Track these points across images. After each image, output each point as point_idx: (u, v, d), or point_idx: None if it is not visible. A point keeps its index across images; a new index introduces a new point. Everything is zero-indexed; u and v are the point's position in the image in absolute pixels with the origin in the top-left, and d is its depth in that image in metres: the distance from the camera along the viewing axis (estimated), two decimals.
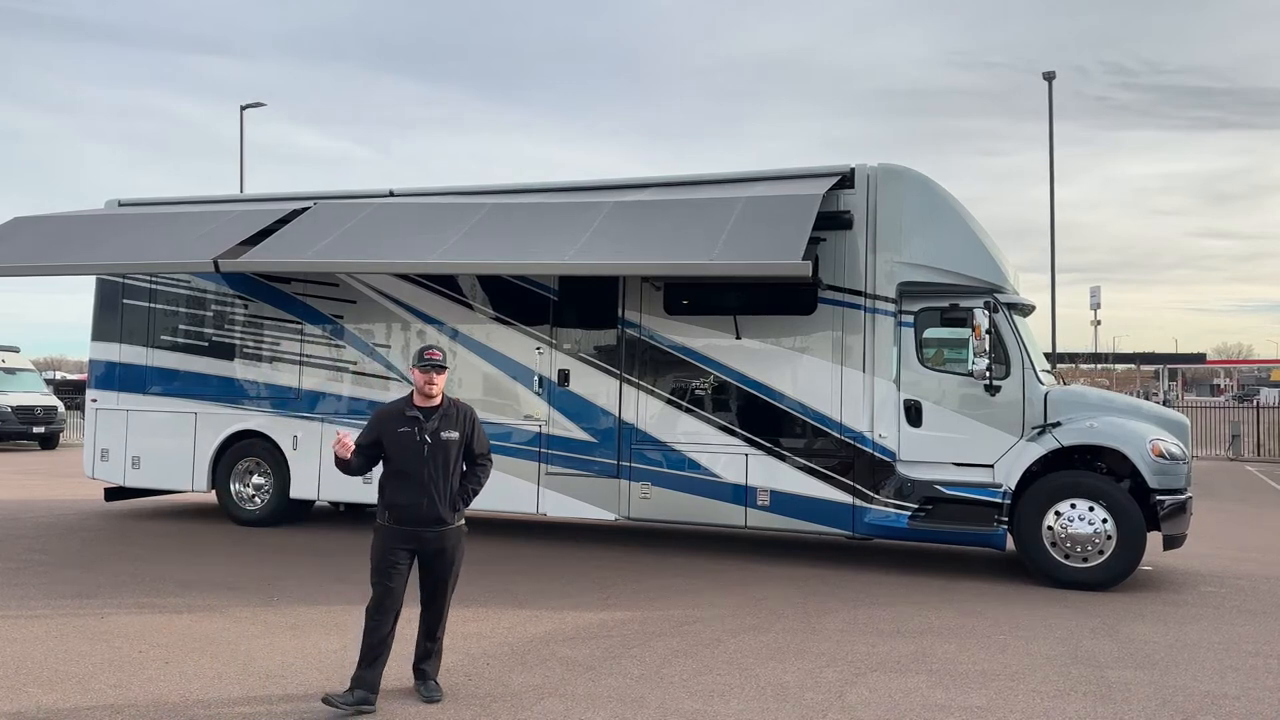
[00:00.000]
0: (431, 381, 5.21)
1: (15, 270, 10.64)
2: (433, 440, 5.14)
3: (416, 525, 5.12)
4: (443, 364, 5.26)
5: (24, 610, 7.04)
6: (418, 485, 5.11)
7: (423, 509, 5.11)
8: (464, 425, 5.27)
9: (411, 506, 5.11)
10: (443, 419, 5.21)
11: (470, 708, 5.06)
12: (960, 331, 8.91)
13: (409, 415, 5.20)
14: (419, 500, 5.11)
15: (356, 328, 10.80)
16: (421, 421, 5.17)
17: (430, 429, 5.15)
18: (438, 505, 5.14)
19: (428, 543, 5.17)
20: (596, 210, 9.22)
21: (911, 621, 7.05)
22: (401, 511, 5.13)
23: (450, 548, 5.23)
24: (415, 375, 5.28)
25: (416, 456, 5.12)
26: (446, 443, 5.17)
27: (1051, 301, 27.11)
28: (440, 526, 5.16)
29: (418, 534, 5.14)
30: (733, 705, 5.17)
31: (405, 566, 5.16)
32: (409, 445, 5.14)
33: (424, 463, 5.11)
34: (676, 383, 9.65)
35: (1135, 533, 8.16)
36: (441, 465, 5.15)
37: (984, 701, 5.29)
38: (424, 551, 5.18)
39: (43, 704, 5.07)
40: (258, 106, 30.44)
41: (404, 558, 5.14)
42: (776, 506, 9.17)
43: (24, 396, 23.74)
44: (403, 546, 5.14)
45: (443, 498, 5.15)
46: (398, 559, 5.13)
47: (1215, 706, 5.27)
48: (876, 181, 9.13)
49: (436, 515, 5.14)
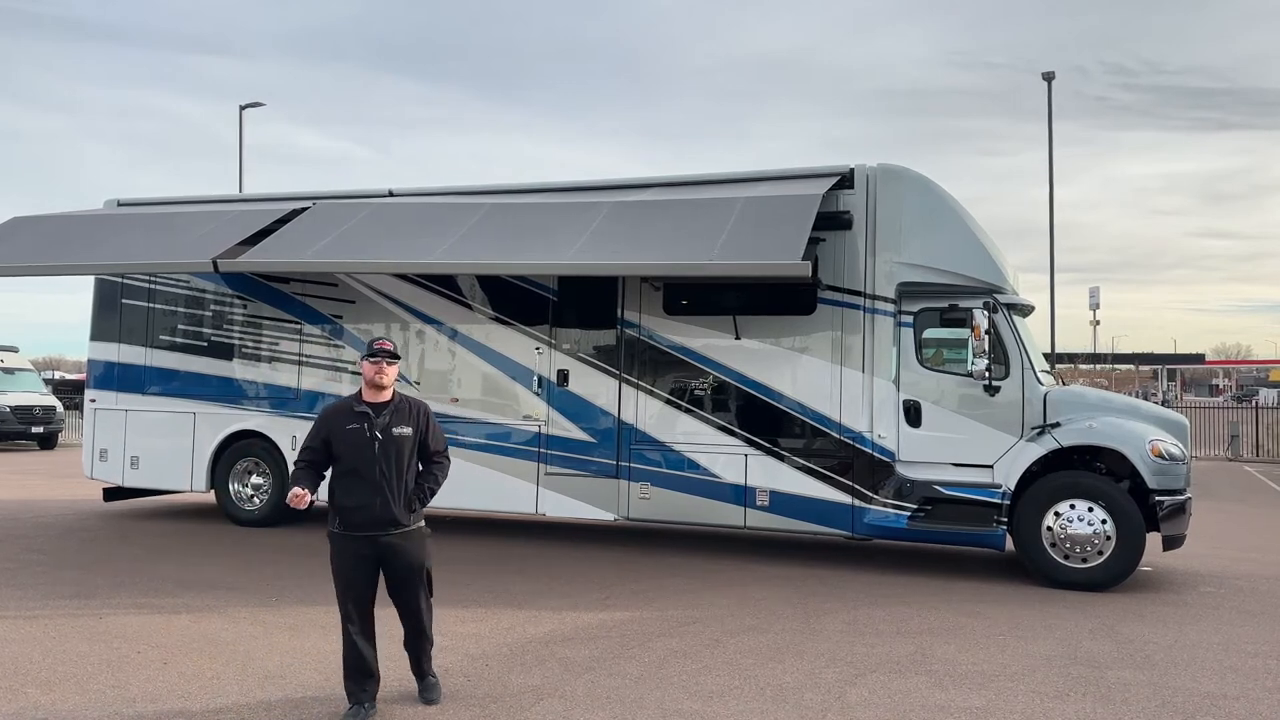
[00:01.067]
0: (381, 372, 4.92)
1: (14, 270, 10.63)
2: (384, 436, 4.84)
3: (370, 529, 4.82)
4: (394, 354, 4.99)
5: (22, 610, 7.04)
6: (369, 485, 4.80)
7: (375, 510, 4.81)
8: (417, 421, 4.99)
9: (363, 508, 4.81)
10: (394, 414, 4.92)
11: (469, 708, 5.06)
12: (960, 332, 8.91)
13: (358, 411, 4.90)
14: (371, 501, 4.80)
15: (355, 328, 10.79)
16: (371, 417, 4.87)
17: (381, 425, 4.85)
18: (391, 506, 4.83)
19: (385, 547, 4.86)
20: (596, 210, 9.22)
21: (911, 622, 7.05)
22: (352, 514, 4.83)
23: (411, 550, 4.93)
24: (364, 368, 4.99)
25: (367, 454, 4.81)
26: (399, 439, 4.88)
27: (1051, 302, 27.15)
28: (396, 529, 4.86)
29: (372, 539, 4.83)
30: (732, 706, 5.16)
31: (367, 574, 4.88)
32: (358, 443, 4.83)
33: (375, 461, 4.81)
34: (676, 383, 9.64)
35: (1134, 533, 8.15)
36: (394, 463, 4.85)
37: (983, 702, 5.29)
38: (382, 557, 4.88)
39: (41, 704, 5.06)
40: (257, 106, 30.46)
41: (363, 566, 4.86)
42: (776, 507, 9.17)
43: (23, 396, 23.74)
44: (359, 554, 4.85)
45: (396, 498, 4.85)
46: (357, 568, 4.85)
47: (1215, 707, 5.27)
48: (876, 182, 9.13)
49: (391, 516, 4.84)
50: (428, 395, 10.41)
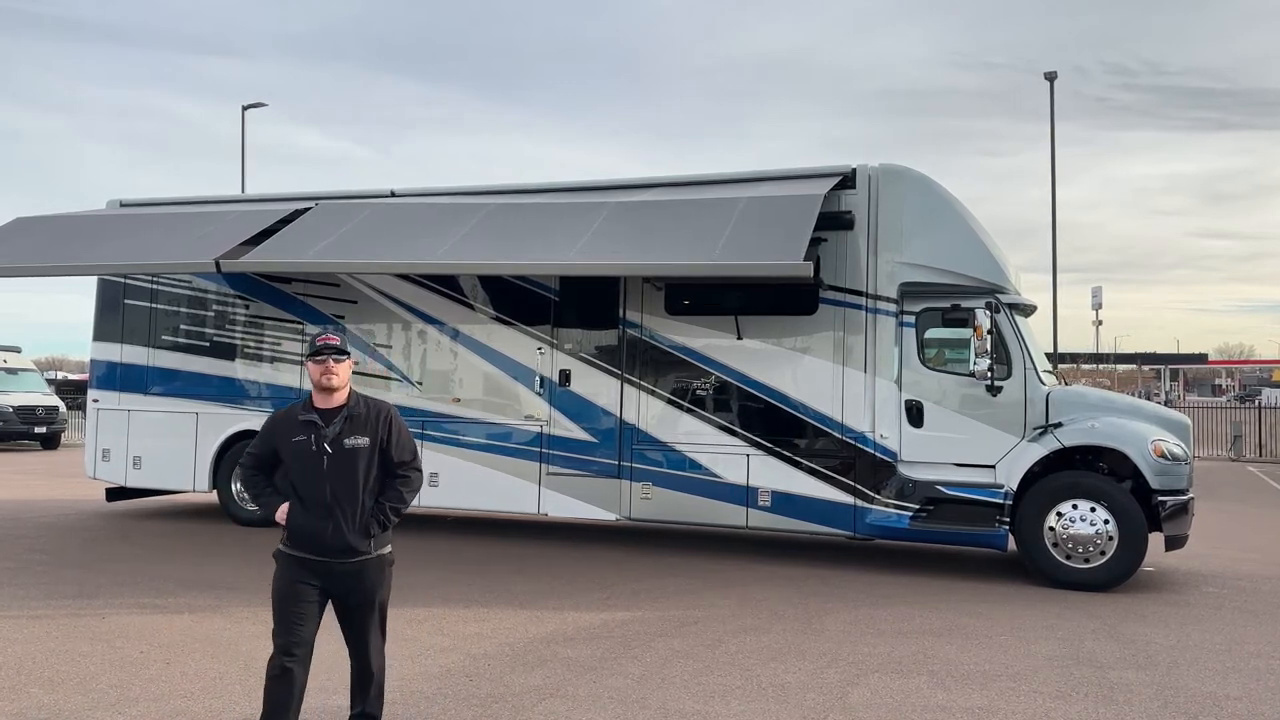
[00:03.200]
0: (329, 372, 4.19)
1: (16, 271, 10.64)
2: (334, 450, 4.14)
3: (321, 555, 4.15)
4: (343, 349, 4.24)
5: (25, 610, 7.05)
6: (319, 507, 4.13)
7: (326, 536, 4.13)
8: (377, 428, 4.23)
9: (313, 533, 4.15)
10: (348, 422, 4.19)
11: (471, 709, 5.06)
12: (962, 332, 8.91)
13: (303, 420, 4.19)
14: (322, 526, 4.13)
15: (358, 328, 10.79)
16: (319, 427, 4.16)
17: (330, 436, 4.15)
18: (345, 531, 4.14)
19: (337, 578, 4.19)
20: (598, 211, 9.22)
21: (913, 622, 7.05)
22: (302, 538, 4.18)
23: (368, 584, 4.23)
24: (310, 369, 4.24)
25: (315, 471, 4.13)
26: (353, 452, 4.16)
27: (1053, 302, 27.15)
28: (350, 558, 4.17)
29: (324, 566, 4.16)
30: (733, 706, 5.16)
31: (313, 606, 4.18)
32: (305, 458, 4.15)
33: (324, 478, 4.13)
34: (678, 383, 9.64)
35: (1137, 533, 8.15)
36: (348, 481, 4.15)
37: (985, 702, 5.29)
38: (333, 588, 4.21)
39: (44, 704, 5.06)
40: (259, 107, 30.48)
41: (309, 595, 4.16)
42: (777, 507, 9.17)
43: (26, 396, 23.78)
44: (307, 581, 4.17)
45: (351, 522, 4.15)
46: (301, 597, 4.16)
47: (1217, 708, 5.27)
48: (878, 182, 9.13)
49: (344, 544, 4.14)
50: (430, 395, 10.44)
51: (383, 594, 4.32)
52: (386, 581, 4.34)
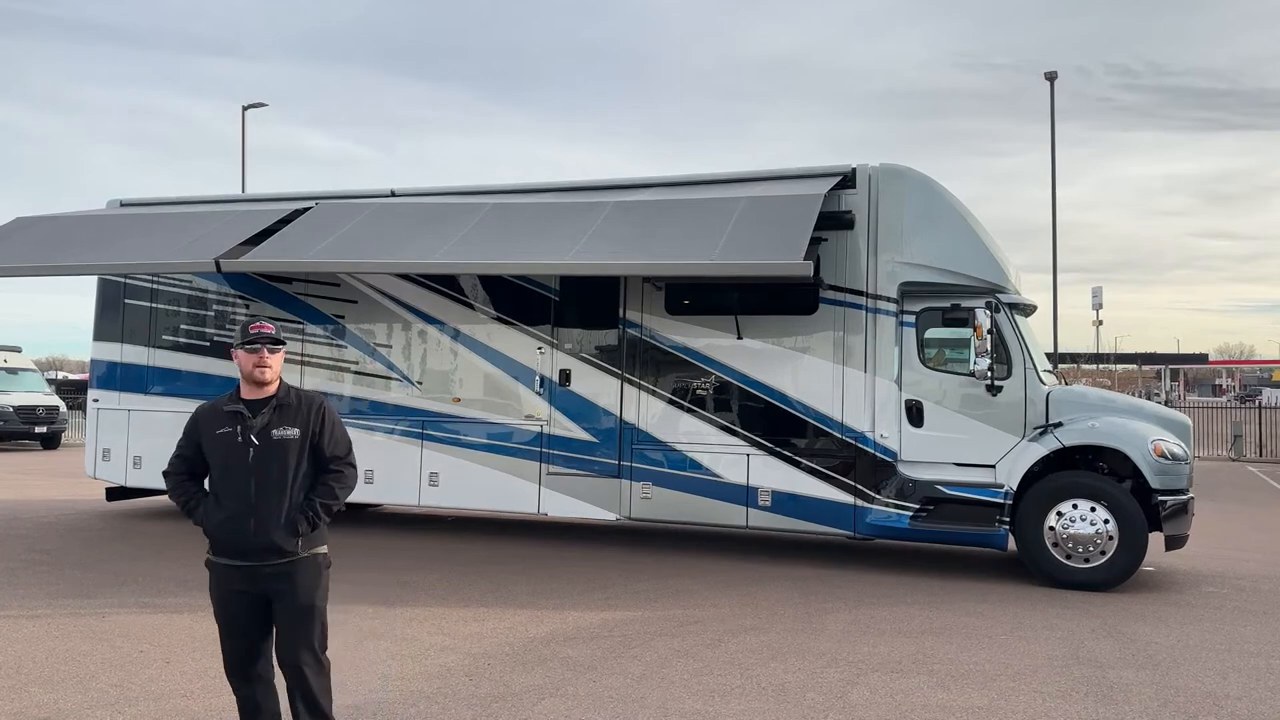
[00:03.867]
0: (263, 364, 3.91)
1: (17, 270, 10.65)
2: (260, 441, 3.86)
3: (244, 558, 3.84)
4: (276, 338, 3.97)
5: (25, 610, 7.05)
6: (241, 503, 3.83)
7: (249, 534, 3.81)
8: (309, 420, 3.95)
9: (235, 532, 3.83)
10: (277, 413, 3.92)
11: (471, 708, 5.06)
12: (962, 331, 8.91)
13: (229, 410, 3.92)
14: (243, 524, 3.81)
15: (358, 328, 10.80)
16: (246, 417, 3.89)
17: (257, 426, 3.88)
18: (269, 529, 3.82)
19: (263, 581, 3.85)
20: (598, 210, 9.22)
21: (913, 622, 7.04)
22: (223, 540, 3.86)
23: (299, 587, 3.87)
24: (240, 358, 3.95)
25: (239, 463, 3.85)
26: (281, 443, 3.88)
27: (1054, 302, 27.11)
28: (277, 559, 3.84)
29: (249, 571, 3.84)
30: (734, 705, 5.16)
31: (251, 614, 3.90)
32: (230, 449, 3.87)
33: (249, 471, 3.84)
34: (678, 383, 9.64)
35: (1137, 533, 8.14)
36: (275, 474, 3.85)
37: (986, 702, 5.29)
38: (261, 593, 3.88)
39: (44, 703, 5.07)
40: (259, 107, 30.46)
41: (243, 603, 3.88)
42: (778, 507, 9.17)
43: (26, 396, 23.78)
44: (235, 588, 3.88)
45: (276, 518, 3.83)
46: (236, 606, 3.89)
47: (1217, 707, 5.27)
48: (878, 181, 9.13)
49: (269, 542, 3.82)
50: (430, 395, 10.44)
51: (319, 600, 3.94)
52: (323, 586, 3.96)
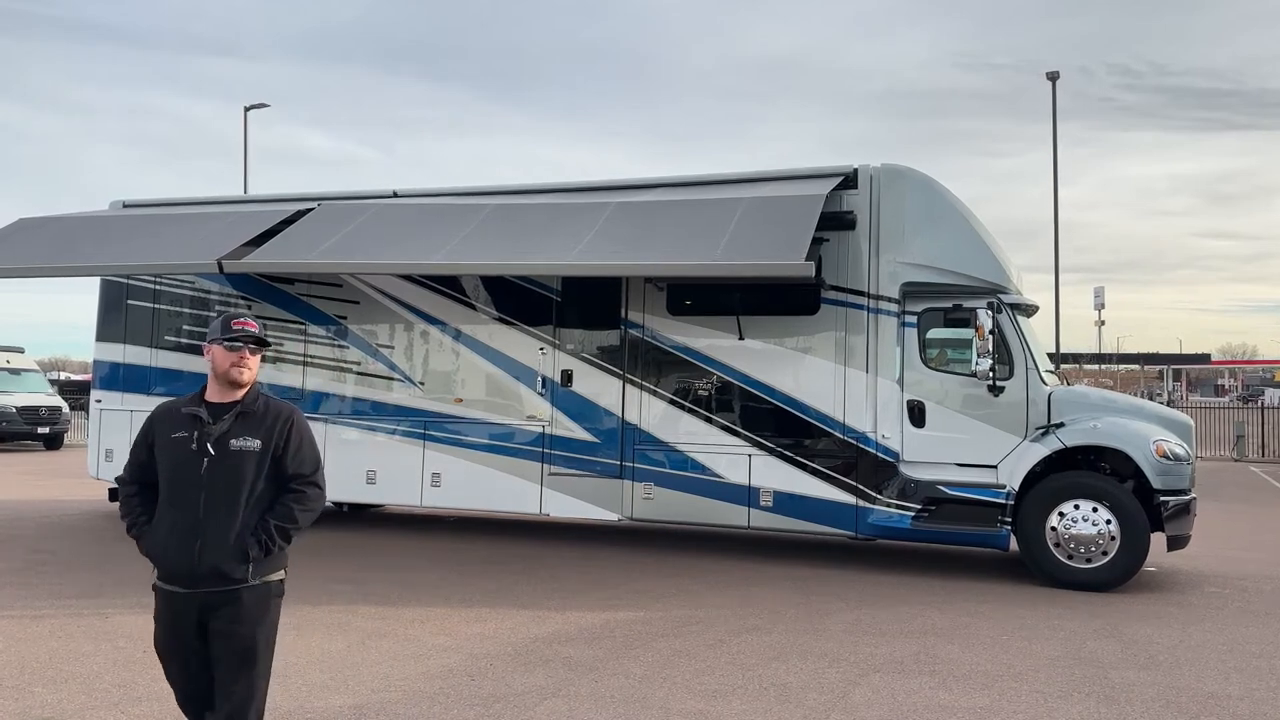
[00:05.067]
0: (243, 364, 3.51)
1: (20, 271, 10.67)
2: (216, 450, 3.42)
3: (190, 584, 3.41)
4: (261, 338, 3.58)
5: (28, 610, 7.06)
6: (188, 519, 3.40)
7: (194, 557, 3.38)
8: (274, 431, 3.51)
9: (179, 553, 3.39)
10: (239, 420, 3.48)
11: (473, 708, 5.07)
12: (963, 332, 8.92)
13: (187, 413, 3.47)
14: (189, 543, 3.38)
15: (360, 328, 10.81)
16: (204, 422, 3.45)
17: (215, 434, 3.44)
18: (216, 552, 3.38)
19: (207, 613, 3.42)
20: (600, 211, 9.23)
21: (914, 622, 7.05)
22: (167, 562, 3.43)
23: (243, 618, 3.44)
24: (215, 355, 3.52)
25: (190, 474, 3.41)
26: (239, 455, 3.43)
27: (1055, 302, 27.13)
28: (222, 586, 3.41)
29: (192, 598, 3.42)
30: (735, 705, 5.17)
31: (196, 644, 3.48)
32: (181, 457, 3.43)
33: (199, 484, 3.40)
34: (679, 383, 9.65)
35: (1139, 534, 8.14)
36: (228, 490, 3.41)
37: (987, 702, 5.29)
38: (206, 628, 3.45)
39: (47, 703, 5.08)
40: (261, 107, 30.49)
41: (189, 633, 3.47)
42: (779, 507, 9.17)
43: (29, 397, 23.80)
44: (183, 616, 3.45)
45: (224, 539, 3.39)
46: (180, 636, 3.48)
47: (1219, 707, 5.27)
48: (879, 182, 9.13)
49: (214, 567, 3.38)
50: (432, 396, 10.45)
51: (264, 633, 3.51)
52: (270, 618, 3.54)
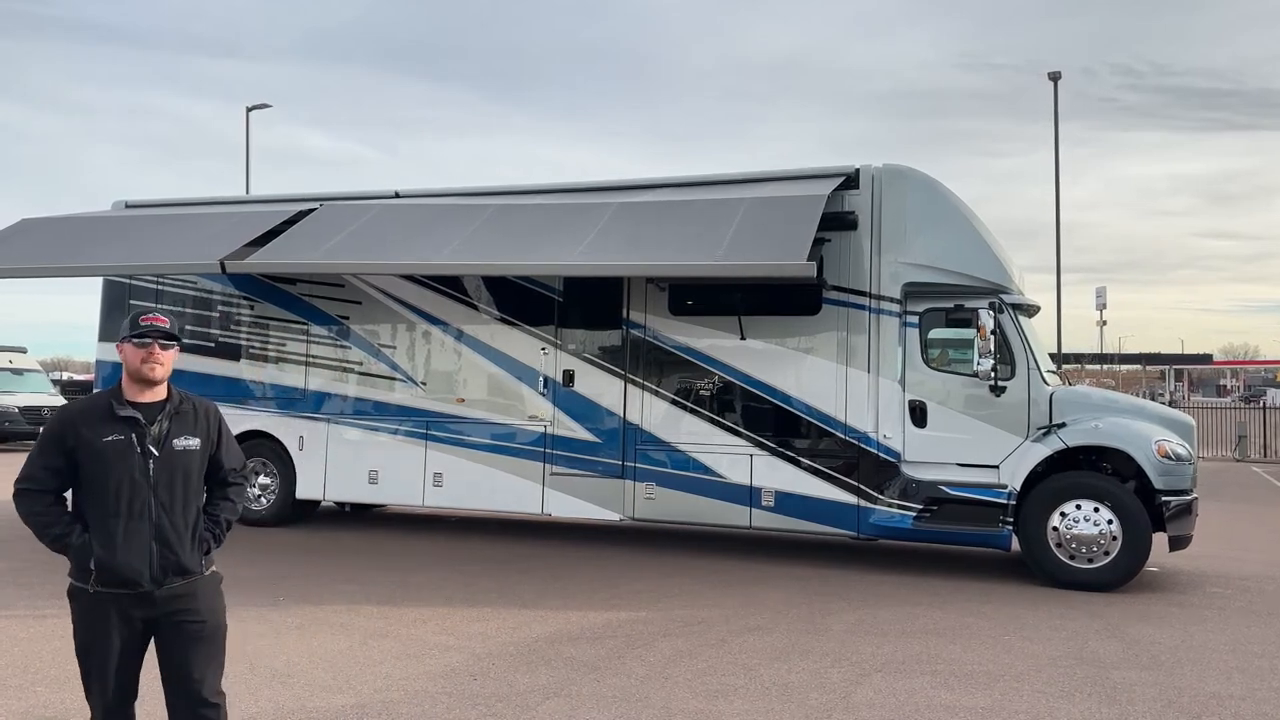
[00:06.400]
0: (153, 359, 3.42)
1: (23, 271, 10.69)
2: (161, 452, 3.40)
3: (137, 584, 3.34)
4: (171, 333, 3.47)
5: (31, 609, 7.08)
6: (142, 524, 3.34)
7: (153, 560, 3.35)
8: (208, 429, 3.55)
9: (135, 557, 3.33)
10: (175, 420, 3.47)
11: (475, 707, 5.07)
12: (965, 332, 8.92)
13: (122, 416, 3.40)
14: (143, 545, 3.34)
15: (362, 328, 10.82)
16: (142, 424, 3.40)
17: (156, 435, 3.41)
18: (177, 549, 3.39)
19: (164, 606, 3.38)
20: (601, 211, 9.24)
21: (916, 622, 7.05)
22: (115, 565, 3.32)
23: (205, 606, 3.46)
24: (126, 353, 3.44)
25: (136, 477, 3.36)
26: (184, 454, 3.45)
27: (1057, 302, 27.15)
28: (182, 578, 3.41)
29: (146, 598, 3.36)
30: (737, 705, 5.17)
31: (135, 648, 3.43)
32: (123, 461, 3.35)
33: (148, 486, 3.36)
34: (681, 383, 9.65)
35: (1140, 534, 8.14)
36: (177, 489, 3.43)
37: (989, 702, 5.29)
38: (161, 623, 3.40)
39: (50, 702, 5.09)
40: (263, 108, 30.51)
41: (130, 637, 3.39)
42: (781, 507, 9.18)
43: (31, 397, 23.84)
44: (124, 618, 3.36)
45: (182, 536, 3.41)
46: (121, 640, 3.37)
47: (1221, 707, 5.27)
48: (881, 182, 9.13)
49: (177, 563, 3.39)
50: (434, 396, 10.46)
51: (222, 616, 3.56)
52: (223, 603, 3.59)
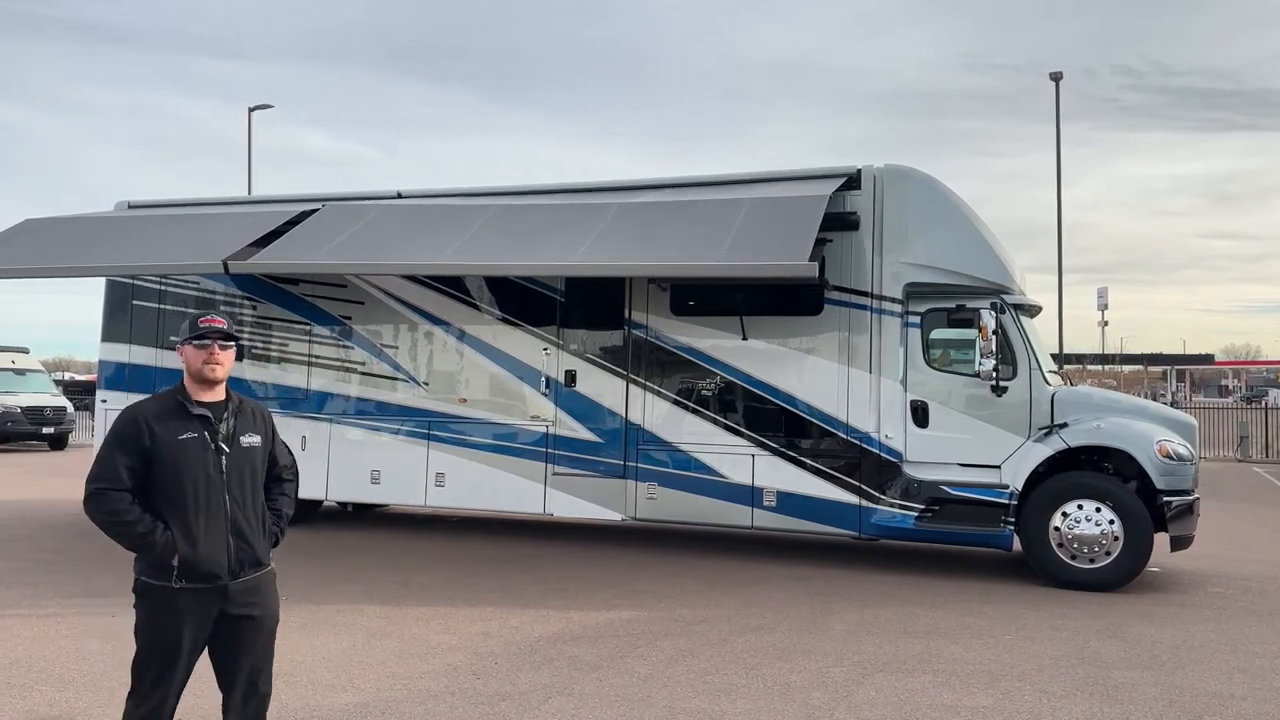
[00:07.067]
0: (214, 361, 3.56)
1: (26, 272, 10.71)
2: (231, 449, 3.55)
3: (216, 579, 3.46)
4: (228, 333, 3.61)
5: (34, 609, 7.10)
6: (219, 519, 3.48)
7: (231, 554, 3.49)
8: (266, 426, 3.74)
9: (216, 550, 3.46)
10: (238, 418, 3.62)
11: (478, 707, 5.09)
12: (967, 332, 8.93)
13: (195, 414, 3.53)
14: (222, 541, 3.47)
15: (364, 329, 10.84)
16: (213, 422, 3.55)
17: (225, 433, 3.56)
18: (253, 542, 3.57)
19: (236, 599, 3.51)
20: (603, 211, 9.25)
21: (918, 622, 7.06)
22: (198, 561, 3.42)
23: (270, 598, 3.66)
24: (187, 355, 3.59)
25: (212, 474, 3.49)
26: (250, 451, 3.62)
27: (1059, 302, 27.16)
28: (256, 570, 3.59)
29: (222, 591, 3.48)
30: (739, 704, 5.18)
31: (200, 646, 3.51)
32: (198, 458, 3.48)
33: (222, 483, 3.51)
34: (683, 383, 9.66)
35: (1142, 534, 8.15)
36: (247, 485, 3.59)
37: (990, 702, 5.30)
38: (228, 615, 3.51)
39: (54, 701, 5.11)
40: (265, 108, 30.56)
41: (198, 635, 3.48)
42: (783, 507, 9.19)
43: (34, 397, 23.85)
44: (203, 611, 3.46)
45: (255, 529, 3.60)
46: (196, 632, 3.46)
47: (1222, 707, 5.27)
48: (882, 182, 9.14)
49: (253, 556, 3.57)
50: (436, 396, 10.48)
51: (278, 611, 3.73)
52: (278, 597, 3.75)
